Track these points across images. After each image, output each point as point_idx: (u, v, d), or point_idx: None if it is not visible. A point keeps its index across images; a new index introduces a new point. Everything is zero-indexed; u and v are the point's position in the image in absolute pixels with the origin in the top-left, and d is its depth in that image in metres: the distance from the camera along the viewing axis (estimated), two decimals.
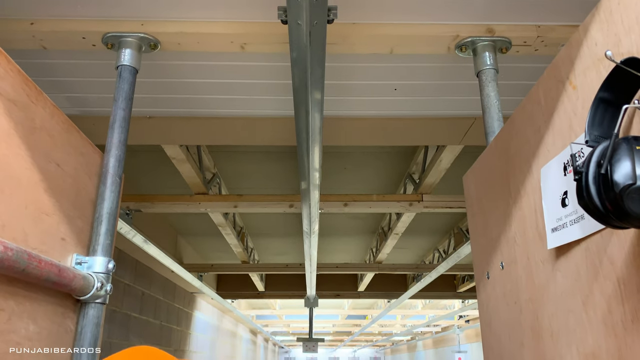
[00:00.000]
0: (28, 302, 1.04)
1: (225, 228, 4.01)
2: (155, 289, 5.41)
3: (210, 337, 8.51)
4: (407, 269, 5.71)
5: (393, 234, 4.17)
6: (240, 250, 4.98)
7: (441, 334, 13.15)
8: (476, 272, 1.48)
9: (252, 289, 7.22)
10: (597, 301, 0.85)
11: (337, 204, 3.11)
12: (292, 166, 3.46)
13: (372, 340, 18.82)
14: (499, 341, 1.29)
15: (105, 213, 1.32)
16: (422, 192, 3.09)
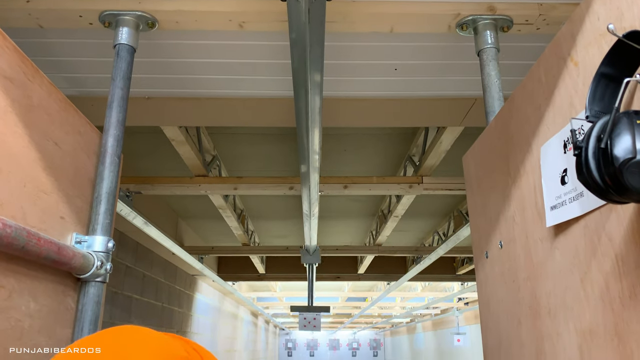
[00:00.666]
0: (28, 280, 1.05)
1: (225, 210, 4.01)
2: (156, 271, 5.44)
3: (212, 318, 8.60)
4: (406, 251, 5.73)
5: (393, 217, 4.18)
6: (241, 232, 5.00)
7: (440, 316, 13.27)
8: (475, 252, 1.49)
9: (253, 271, 7.27)
10: (594, 278, 0.85)
11: (337, 186, 3.11)
12: (292, 148, 3.46)
13: (371, 323, 19.01)
14: (497, 319, 1.30)
15: (104, 192, 1.32)
16: (422, 174, 3.09)
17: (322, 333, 24.98)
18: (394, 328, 21.37)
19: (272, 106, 2.18)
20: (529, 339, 1.10)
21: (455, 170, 3.38)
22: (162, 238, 3.64)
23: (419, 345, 17.48)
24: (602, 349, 0.82)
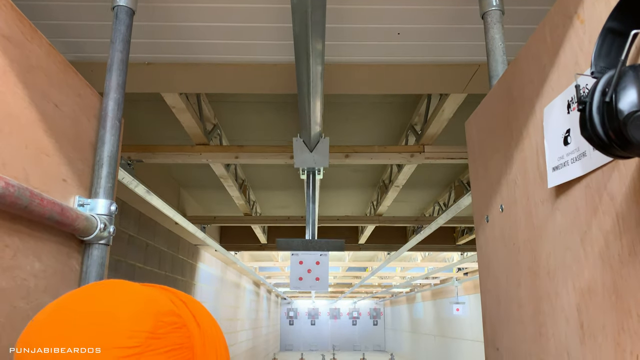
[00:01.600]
0: (32, 241, 1.06)
1: (227, 180, 4.02)
2: (159, 240, 5.50)
3: (215, 288, 8.72)
4: (407, 221, 5.76)
5: (394, 187, 4.19)
6: (243, 202, 5.02)
7: (439, 286, 13.44)
8: (475, 217, 1.50)
9: (255, 241, 7.33)
10: (594, 237, 0.85)
11: (339, 155, 3.10)
12: (293, 117, 3.44)
13: (372, 292, 19.28)
14: (497, 282, 1.31)
15: (106, 156, 1.32)
16: (424, 143, 3.08)
17: (323, 302, 25.39)
18: (394, 298, 21.69)
19: (273, 72, 2.15)
20: (527, 300, 1.11)
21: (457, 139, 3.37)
22: (165, 207, 3.66)
23: (418, 314, 17.78)
24: (600, 307, 0.83)
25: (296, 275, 2.63)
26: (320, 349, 24.50)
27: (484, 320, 1.42)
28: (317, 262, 2.63)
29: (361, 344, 25.16)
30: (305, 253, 2.62)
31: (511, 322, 1.21)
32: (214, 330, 0.73)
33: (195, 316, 0.69)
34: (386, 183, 4.71)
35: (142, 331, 0.59)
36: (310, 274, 2.61)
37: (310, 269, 2.61)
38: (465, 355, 12.15)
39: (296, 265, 2.66)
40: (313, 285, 2.58)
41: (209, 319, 0.73)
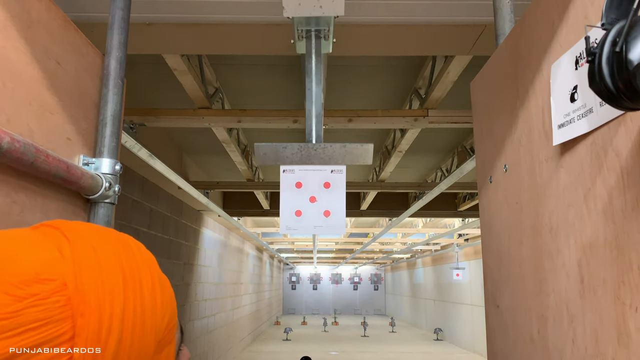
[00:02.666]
0: (39, 198, 1.07)
1: (229, 145, 4.01)
2: (162, 205, 5.54)
3: (218, 252, 8.84)
4: (409, 187, 5.78)
5: (397, 152, 4.18)
6: (245, 168, 5.03)
7: (440, 252, 13.60)
8: (479, 178, 1.50)
9: (258, 207, 7.38)
10: (598, 193, 0.86)
11: (342, 119, 3.08)
12: (296, 80, 3.40)
13: (373, 258, 19.52)
14: (499, 242, 1.32)
15: (109, 115, 1.32)
16: (428, 107, 3.06)
17: (325, 268, 25.75)
18: (395, 264, 21.97)
19: (276, 32, 2.12)
20: (529, 258, 1.13)
21: (461, 104, 3.35)
22: (168, 171, 3.67)
23: (418, 279, 18.04)
24: (601, 261, 0.85)
25: (290, 208, 1.54)
26: (322, 312, 24.99)
27: (485, 279, 1.44)
28: (325, 183, 1.53)
29: (362, 308, 25.63)
30: (306, 168, 1.56)
31: (512, 280, 1.23)
32: (132, 275, 0.54)
33: (88, 264, 0.51)
34: (389, 149, 4.70)
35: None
36: (315, 206, 1.52)
37: (314, 197, 1.53)
38: (464, 319, 12.40)
39: (290, 190, 1.55)
40: (320, 226, 1.52)
41: (119, 264, 0.54)
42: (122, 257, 0.56)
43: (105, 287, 0.50)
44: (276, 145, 1.54)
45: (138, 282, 0.54)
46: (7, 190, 0.96)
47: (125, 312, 0.50)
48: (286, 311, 25.25)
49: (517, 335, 1.20)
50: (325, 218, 1.53)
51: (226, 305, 9.58)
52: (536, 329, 1.09)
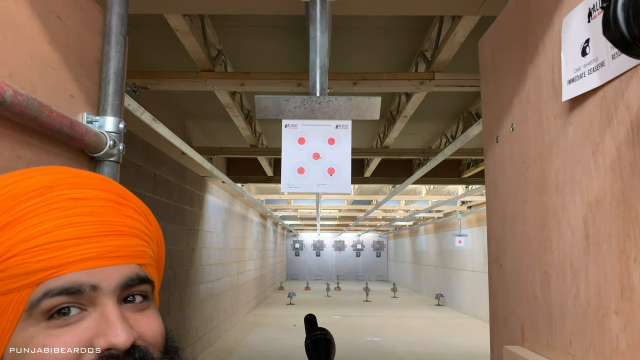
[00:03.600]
0: (44, 154, 1.07)
1: (232, 109, 3.99)
2: (166, 171, 5.55)
3: (222, 218, 8.91)
4: (413, 153, 5.76)
5: (402, 117, 4.15)
6: (249, 133, 5.01)
7: (443, 219, 13.67)
8: (485, 139, 1.49)
9: (261, 173, 7.38)
10: (607, 148, 0.85)
11: (346, 82, 3.05)
12: (300, 42, 3.35)
13: (375, 226, 19.66)
14: (504, 202, 1.32)
15: (112, 73, 1.30)
16: (434, 70, 3.01)
17: (328, 235, 25.98)
18: (397, 231, 22.13)
19: None
20: (533, 216, 1.13)
21: (468, 68, 3.30)
22: (171, 136, 3.66)
23: (420, 246, 18.22)
24: (607, 217, 0.84)
25: (293, 164, 1.48)
26: (325, 278, 25.36)
27: (489, 239, 1.45)
28: (330, 139, 1.48)
29: (364, 274, 25.99)
30: (309, 123, 1.49)
31: (516, 239, 1.23)
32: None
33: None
34: (394, 114, 4.66)
35: None
36: (318, 162, 1.47)
37: (317, 153, 1.48)
38: (465, 285, 12.57)
39: (292, 145, 1.48)
40: (323, 183, 1.47)
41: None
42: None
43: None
44: (278, 98, 1.45)
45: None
46: (12, 145, 0.96)
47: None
48: (290, 277, 25.64)
49: (519, 293, 1.21)
50: (330, 176, 1.48)
51: (231, 270, 9.73)
52: (539, 286, 1.10)
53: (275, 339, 8.75)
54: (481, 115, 1.55)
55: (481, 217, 11.02)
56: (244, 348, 7.98)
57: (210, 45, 3.09)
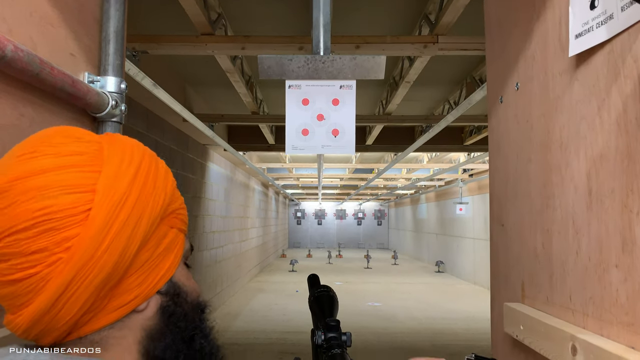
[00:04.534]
0: (47, 113, 1.06)
1: (233, 75, 3.95)
2: (168, 138, 5.54)
3: (225, 187, 8.94)
4: (416, 120, 5.73)
5: (404, 83, 4.11)
6: (250, 100, 4.97)
7: (444, 187, 13.70)
8: (489, 99, 1.48)
9: (263, 141, 7.37)
10: (613, 103, 0.84)
11: (349, 46, 3.00)
12: (301, 5, 3.28)
13: (377, 194, 19.73)
14: (506, 161, 1.32)
15: (112, 32, 1.28)
16: (438, 34, 2.96)
17: (329, 204, 26.11)
18: (398, 200, 22.23)
19: None
20: (536, 174, 1.13)
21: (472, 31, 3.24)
22: (172, 102, 3.63)
23: (421, 215, 18.32)
24: (611, 172, 0.85)
25: (297, 126, 1.45)
26: (326, 246, 25.63)
27: (491, 200, 1.45)
28: (334, 100, 1.45)
29: (365, 242, 26.25)
30: (313, 83, 1.45)
31: (518, 198, 1.24)
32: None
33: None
34: (396, 79, 4.62)
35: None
36: (323, 124, 1.45)
37: (321, 114, 1.45)
38: (465, 252, 12.71)
39: (296, 107, 1.45)
40: (328, 145, 1.46)
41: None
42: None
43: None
44: (281, 58, 1.41)
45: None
46: (14, 102, 0.96)
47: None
48: (292, 245, 25.91)
49: (520, 251, 1.22)
50: (334, 137, 1.47)
51: (234, 237, 9.82)
52: (540, 243, 1.11)
53: (278, 304, 8.91)
54: (485, 81, 1.53)
55: (482, 185, 11.05)
56: (247, 313, 8.13)
57: (210, 8, 3.04)
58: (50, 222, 0.52)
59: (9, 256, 0.52)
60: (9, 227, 0.52)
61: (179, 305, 0.62)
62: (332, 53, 2.99)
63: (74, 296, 0.52)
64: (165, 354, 0.59)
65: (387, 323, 7.45)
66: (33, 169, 0.53)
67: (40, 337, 0.55)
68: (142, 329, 0.59)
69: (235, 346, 6.00)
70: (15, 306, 0.54)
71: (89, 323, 0.55)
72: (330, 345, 0.97)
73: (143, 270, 0.58)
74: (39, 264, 0.52)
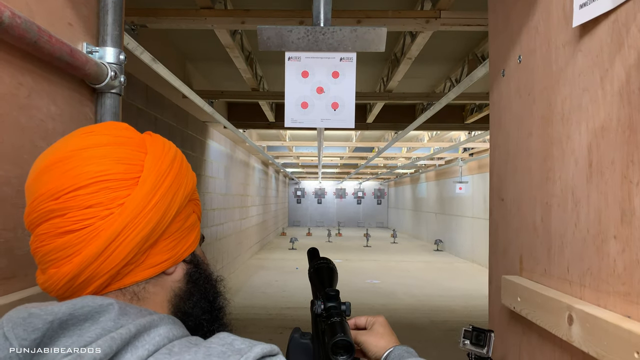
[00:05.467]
0: (45, 83, 1.06)
1: (233, 50, 3.91)
2: (167, 115, 5.51)
3: (225, 164, 8.94)
4: (417, 97, 5.69)
5: (406, 59, 4.07)
6: (250, 76, 4.93)
7: (444, 166, 13.70)
8: (491, 73, 1.46)
9: (263, 119, 7.33)
10: (616, 74, 0.84)
11: (350, 20, 2.96)
12: None
13: (376, 173, 19.73)
14: (507, 136, 1.32)
15: (110, 2, 1.27)
16: (440, 8, 2.92)
17: (329, 183, 26.15)
18: (398, 179, 22.24)
19: None
20: (537, 148, 1.13)
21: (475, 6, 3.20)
22: (172, 77, 3.61)
23: (421, 194, 18.36)
24: (612, 143, 0.84)
25: (296, 99, 1.44)
26: (326, 225, 25.74)
27: (491, 175, 1.45)
28: (334, 72, 1.44)
29: (365, 221, 26.36)
30: (313, 55, 1.43)
31: (518, 172, 1.24)
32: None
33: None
34: (398, 56, 4.57)
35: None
36: (322, 97, 1.43)
37: (321, 87, 1.44)
38: (464, 231, 12.77)
39: (295, 79, 1.44)
40: (327, 118, 1.45)
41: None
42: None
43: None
44: (281, 29, 1.39)
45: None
46: (12, 71, 0.95)
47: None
48: (292, 223, 26.03)
49: (519, 225, 1.23)
50: (334, 111, 1.46)
51: (234, 215, 9.86)
52: (539, 216, 1.12)
53: (278, 280, 8.99)
54: (487, 57, 1.50)
55: (482, 164, 11.04)
56: (247, 289, 8.22)
57: None
58: (107, 182, 0.61)
59: (67, 210, 0.60)
60: (70, 185, 0.60)
61: (201, 274, 0.73)
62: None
63: (121, 246, 0.61)
64: (194, 310, 0.71)
65: (386, 300, 7.53)
66: (93, 142, 0.64)
67: (82, 287, 0.62)
68: (172, 289, 0.69)
69: (235, 321, 6.04)
70: (64, 257, 0.61)
71: (128, 275, 0.64)
72: (330, 314, 0.98)
73: (174, 237, 0.68)
74: (93, 217, 0.60)
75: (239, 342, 0.59)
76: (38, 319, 0.55)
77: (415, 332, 5.65)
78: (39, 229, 0.62)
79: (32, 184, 0.64)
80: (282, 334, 5.48)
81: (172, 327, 0.60)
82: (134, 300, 0.65)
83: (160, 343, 0.57)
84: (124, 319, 0.58)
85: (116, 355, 0.53)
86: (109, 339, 0.53)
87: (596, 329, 0.82)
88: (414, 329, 5.86)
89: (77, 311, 0.56)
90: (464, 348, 1.23)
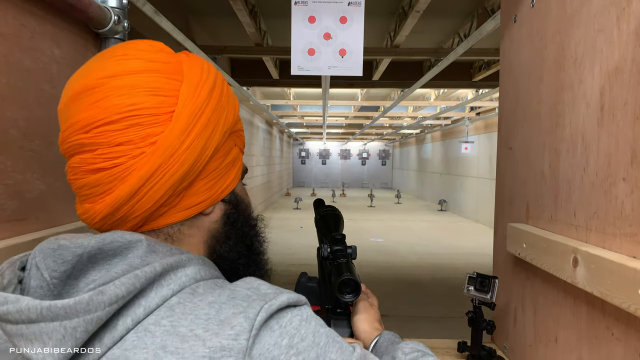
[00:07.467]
0: (49, 25, 1.04)
1: (236, 2, 3.82)
2: None
3: None
4: (425, 53, 5.58)
5: (414, 12, 3.97)
6: (254, 30, 4.84)
7: (450, 126, 13.59)
8: (503, 20, 1.43)
9: (267, 76, 7.24)
10: (633, 11, 0.81)
11: None
12: None
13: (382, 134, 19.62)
14: (517, 83, 1.30)
15: None
16: None
17: (334, 144, 26.07)
18: (403, 139, 22.13)
19: None
20: (548, 93, 1.11)
21: None
22: (174, 31, 3.54)
23: (426, 154, 18.31)
24: (626, 84, 0.83)
25: (302, 45, 1.39)
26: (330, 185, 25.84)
27: (499, 124, 1.44)
28: (342, 17, 1.40)
29: (369, 182, 26.42)
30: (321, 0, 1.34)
31: (527, 119, 1.23)
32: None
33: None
34: (405, 9, 4.46)
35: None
36: (329, 43, 1.38)
37: (328, 33, 1.39)
38: (468, 191, 12.80)
39: (302, 25, 1.38)
40: (335, 66, 1.40)
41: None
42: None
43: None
44: None
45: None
46: (14, 12, 0.93)
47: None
48: (296, 184, 26.13)
49: (527, 173, 1.23)
50: (341, 58, 1.41)
51: None
52: (548, 163, 1.11)
53: (283, 239, 9.11)
54: (496, 10, 1.45)
55: (489, 123, 10.94)
56: None
57: None
58: (138, 117, 0.57)
59: (97, 146, 0.57)
60: (100, 118, 0.57)
61: (240, 214, 0.71)
62: None
63: (154, 188, 0.58)
64: (230, 254, 0.69)
65: (389, 257, 7.63)
66: (124, 69, 0.58)
67: (115, 226, 0.61)
68: (208, 230, 0.67)
69: None
70: (96, 194, 0.59)
71: (162, 217, 0.62)
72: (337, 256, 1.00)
73: (212, 177, 0.64)
74: (123, 155, 0.57)
75: (265, 287, 0.58)
76: (67, 251, 0.55)
77: (417, 288, 5.75)
78: (71, 161, 0.60)
79: (63, 110, 0.60)
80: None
81: (201, 267, 0.59)
82: (167, 242, 0.63)
83: (185, 283, 0.56)
84: (152, 256, 0.57)
85: (140, 293, 0.53)
86: (132, 277, 0.52)
87: (601, 269, 0.82)
88: (416, 285, 5.96)
89: (106, 246, 0.56)
90: (469, 294, 1.25)
